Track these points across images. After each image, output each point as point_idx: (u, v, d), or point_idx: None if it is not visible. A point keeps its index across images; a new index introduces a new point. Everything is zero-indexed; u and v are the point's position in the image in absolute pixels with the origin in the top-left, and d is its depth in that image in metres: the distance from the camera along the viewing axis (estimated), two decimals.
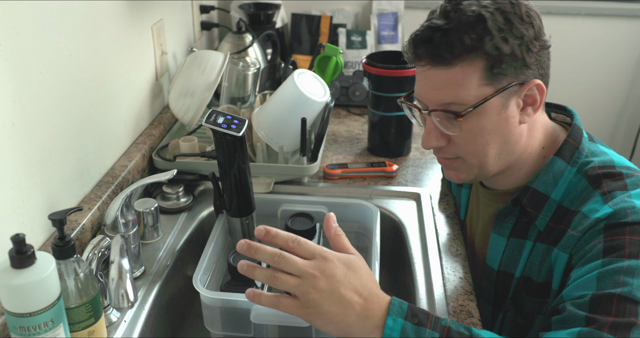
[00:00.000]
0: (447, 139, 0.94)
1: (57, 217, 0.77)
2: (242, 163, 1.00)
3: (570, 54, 2.33)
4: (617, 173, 0.90)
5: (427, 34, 0.88)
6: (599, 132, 2.48)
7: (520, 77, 0.88)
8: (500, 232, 1.02)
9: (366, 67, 1.41)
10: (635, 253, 0.79)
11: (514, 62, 0.86)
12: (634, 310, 0.74)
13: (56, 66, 0.96)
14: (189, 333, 1.14)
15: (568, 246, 0.88)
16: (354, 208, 1.16)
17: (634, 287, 0.76)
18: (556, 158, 0.95)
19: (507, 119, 0.90)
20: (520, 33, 0.85)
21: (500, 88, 0.88)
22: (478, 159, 0.94)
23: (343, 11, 2.18)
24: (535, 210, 0.96)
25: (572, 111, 1.02)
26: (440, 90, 0.89)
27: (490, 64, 0.86)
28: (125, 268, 0.88)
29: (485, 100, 0.87)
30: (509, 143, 0.93)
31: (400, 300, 0.78)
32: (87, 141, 1.09)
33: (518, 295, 1.01)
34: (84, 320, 0.79)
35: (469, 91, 0.87)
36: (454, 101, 0.89)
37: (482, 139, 0.91)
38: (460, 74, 0.87)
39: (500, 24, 0.85)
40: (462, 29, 0.85)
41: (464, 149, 0.93)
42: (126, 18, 1.24)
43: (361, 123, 1.68)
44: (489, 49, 0.85)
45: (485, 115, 0.89)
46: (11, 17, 0.83)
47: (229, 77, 1.47)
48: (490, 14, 0.85)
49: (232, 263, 0.95)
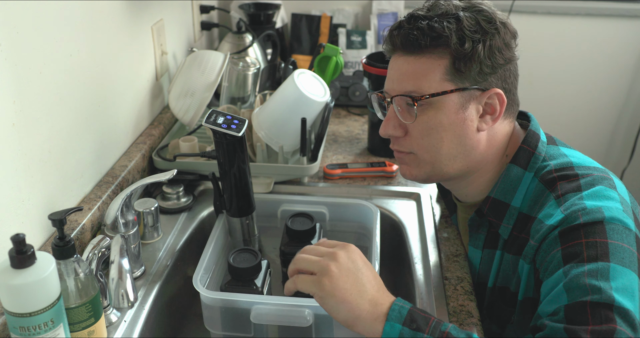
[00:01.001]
0: (404, 130, 0.96)
1: (57, 217, 0.77)
2: (242, 163, 1.00)
3: (570, 54, 2.33)
4: (572, 175, 0.90)
5: (405, 21, 0.94)
6: (599, 132, 2.48)
7: (482, 84, 0.91)
8: (475, 244, 1.03)
9: (366, 67, 1.41)
10: (594, 255, 0.79)
11: (477, 65, 0.90)
12: (610, 315, 0.73)
13: (56, 66, 0.96)
14: (189, 333, 1.14)
15: (528, 256, 0.88)
16: (354, 208, 1.16)
17: (602, 289, 0.75)
18: (512, 165, 0.96)
19: (464, 120, 0.92)
20: (488, 41, 0.90)
21: (461, 87, 0.91)
22: (430, 154, 0.95)
23: (343, 11, 2.18)
24: (497, 218, 0.96)
25: (531, 116, 1.03)
26: (405, 78, 0.93)
27: (455, 61, 0.90)
28: (125, 268, 0.89)
29: (443, 93, 0.91)
30: (464, 146, 0.94)
31: (401, 305, 0.78)
32: (87, 141, 1.09)
33: (494, 304, 1.01)
34: (84, 320, 0.79)
35: (431, 83, 0.91)
36: (415, 90, 0.92)
37: (436, 135, 0.93)
38: (425, 65, 0.91)
39: (473, 26, 0.90)
40: (436, 21, 0.90)
41: (418, 142, 0.95)
42: (126, 18, 1.24)
43: (361, 123, 1.68)
44: (457, 45, 0.89)
45: (443, 110, 0.92)
46: (11, 17, 0.83)
47: (229, 77, 1.47)
48: (466, 16, 0.91)
49: (232, 263, 0.95)
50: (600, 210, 0.82)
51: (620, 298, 0.74)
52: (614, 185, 0.89)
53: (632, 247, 0.80)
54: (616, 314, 0.73)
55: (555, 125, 2.21)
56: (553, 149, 0.97)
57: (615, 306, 0.73)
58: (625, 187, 0.93)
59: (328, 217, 1.17)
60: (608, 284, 0.75)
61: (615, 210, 0.83)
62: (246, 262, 0.95)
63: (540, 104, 2.39)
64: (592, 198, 0.85)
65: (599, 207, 0.83)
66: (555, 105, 2.43)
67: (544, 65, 2.35)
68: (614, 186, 0.88)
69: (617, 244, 0.80)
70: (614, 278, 0.76)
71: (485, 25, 0.90)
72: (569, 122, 2.45)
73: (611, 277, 0.76)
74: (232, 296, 0.89)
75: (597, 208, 0.83)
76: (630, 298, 0.75)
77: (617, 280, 0.76)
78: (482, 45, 0.89)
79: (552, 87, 2.40)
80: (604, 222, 0.81)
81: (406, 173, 1.01)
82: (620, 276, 0.77)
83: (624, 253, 0.79)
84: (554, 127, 1.83)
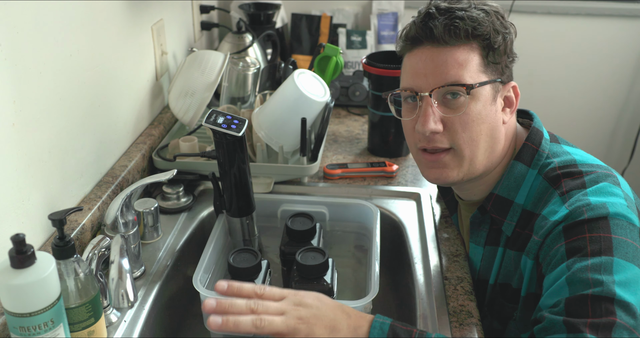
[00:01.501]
0: (442, 125, 0.93)
1: (57, 217, 0.77)
2: (242, 163, 1.00)
3: (571, 54, 2.33)
4: (576, 172, 0.90)
5: (437, 12, 0.92)
6: (599, 132, 2.48)
7: (503, 76, 0.94)
8: (477, 241, 1.03)
9: (366, 67, 1.41)
10: (598, 250, 0.79)
11: (504, 58, 0.92)
12: (611, 308, 0.73)
13: (56, 66, 0.96)
14: (189, 333, 1.14)
15: (532, 252, 0.88)
16: (354, 208, 1.16)
17: (604, 283, 0.75)
18: (516, 162, 0.96)
19: (495, 112, 0.93)
20: (509, 35, 0.94)
21: (493, 79, 0.92)
22: (470, 149, 0.93)
23: (343, 11, 2.18)
24: (500, 215, 0.97)
25: (533, 114, 1.03)
26: (444, 69, 0.91)
27: (486, 52, 0.91)
28: (125, 268, 0.89)
29: (485, 83, 0.91)
30: (495, 139, 0.94)
31: (382, 321, 0.78)
32: (87, 141, 1.09)
33: (495, 301, 1.01)
34: (84, 320, 0.79)
35: (471, 73, 0.91)
36: (457, 81, 0.90)
37: (477, 127, 0.92)
38: (464, 54, 0.91)
39: (499, 20, 0.93)
40: (468, 13, 0.91)
41: (460, 135, 0.92)
42: (126, 18, 1.24)
43: (361, 123, 1.68)
44: (488, 37, 0.90)
45: (481, 101, 0.92)
46: (11, 17, 0.83)
47: (229, 77, 1.47)
48: (492, 10, 0.93)
49: (232, 263, 0.95)
50: (605, 206, 0.83)
51: (621, 292, 0.74)
52: (618, 182, 0.89)
53: (636, 242, 0.81)
54: (617, 307, 0.73)
55: (555, 125, 2.20)
56: (556, 146, 0.97)
57: (616, 299, 0.74)
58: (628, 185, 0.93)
59: (328, 217, 1.17)
60: (610, 278, 0.76)
61: (619, 206, 0.83)
62: (246, 262, 0.95)
63: (540, 104, 2.39)
64: (597, 195, 0.85)
65: (603, 203, 0.83)
66: (555, 105, 2.43)
67: (544, 65, 2.35)
68: (617, 183, 0.89)
69: (620, 239, 0.80)
70: (617, 272, 0.76)
71: (503, 21, 0.94)
72: (569, 122, 2.45)
73: (614, 271, 0.76)
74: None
75: (601, 204, 0.83)
76: (632, 292, 0.75)
77: (619, 274, 0.76)
78: (506, 39, 0.93)
79: (552, 87, 2.40)
80: (608, 218, 0.82)
81: (440, 177, 0.96)
82: (623, 270, 0.77)
83: (628, 248, 0.79)
84: (554, 126, 1.82)
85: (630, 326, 0.72)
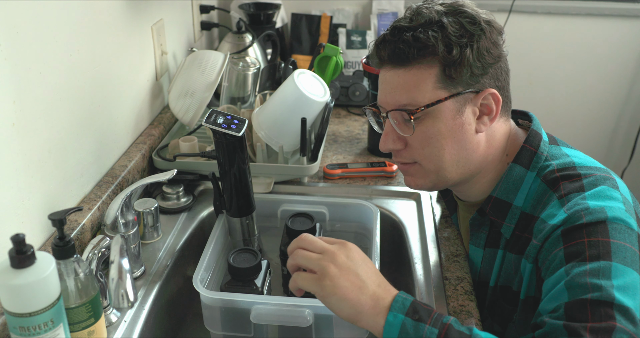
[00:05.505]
0: (403, 143, 0.96)
1: (57, 217, 0.77)
2: (242, 163, 1.00)
3: (571, 54, 2.33)
4: (575, 175, 0.90)
5: (389, 34, 0.93)
6: (599, 132, 2.48)
7: (475, 86, 0.91)
8: (477, 243, 1.03)
9: (366, 67, 1.41)
10: (596, 254, 0.79)
11: (468, 69, 0.89)
12: (610, 312, 0.73)
13: (56, 66, 0.96)
14: (189, 333, 1.14)
15: (531, 255, 0.88)
16: (354, 208, 1.16)
17: (603, 288, 0.75)
18: (514, 164, 0.96)
19: (462, 125, 0.92)
20: (476, 43, 0.90)
21: (455, 93, 0.91)
22: (434, 163, 0.95)
23: (343, 11, 2.18)
24: (499, 218, 0.97)
25: (532, 116, 1.03)
26: (397, 92, 0.93)
27: (444, 68, 0.89)
28: (125, 268, 0.88)
29: (438, 102, 0.90)
30: (466, 150, 0.94)
31: (404, 297, 0.78)
32: (87, 141, 1.08)
33: (496, 303, 1.01)
34: (84, 320, 0.79)
35: (424, 93, 0.91)
36: (409, 103, 0.92)
37: (437, 143, 0.93)
38: (416, 76, 0.91)
39: (458, 31, 0.89)
40: (421, 31, 0.90)
41: (420, 152, 0.95)
42: (126, 18, 1.24)
43: (361, 123, 1.68)
44: (445, 53, 0.88)
45: (440, 118, 0.91)
46: (11, 17, 0.83)
47: (229, 77, 1.47)
48: (449, 21, 0.90)
49: (232, 263, 0.95)
50: (603, 210, 0.82)
51: (620, 297, 0.74)
52: (617, 185, 0.89)
53: (635, 247, 0.81)
54: (616, 312, 0.73)
55: (555, 125, 2.21)
56: (555, 148, 0.97)
57: (615, 304, 0.74)
58: (627, 187, 0.93)
59: (328, 217, 1.17)
60: (609, 283, 0.75)
61: (617, 210, 0.83)
62: (246, 262, 0.95)
63: (540, 104, 2.39)
64: (595, 198, 0.85)
65: (601, 207, 0.83)
66: (555, 105, 2.43)
67: (544, 65, 2.35)
68: (616, 186, 0.88)
69: (619, 244, 0.80)
70: (616, 277, 0.76)
71: (470, 27, 0.90)
72: (569, 122, 2.46)
73: (613, 276, 0.76)
74: (232, 296, 0.90)
75: (600, 208, 0.83)
76: (631, 296, 0.75)
77: (618, 279, 0.76)
78: (470, 49, 0.89)
79: (552, 87, 2.40)
80: (606, 222, 0.81)
81: (411, 184, 1.01)
82: (622, 275, 0.77)
83: (626, 253, 0.79)
84: (554, 127, 1.83)
85: (629, 330, 0.72)
